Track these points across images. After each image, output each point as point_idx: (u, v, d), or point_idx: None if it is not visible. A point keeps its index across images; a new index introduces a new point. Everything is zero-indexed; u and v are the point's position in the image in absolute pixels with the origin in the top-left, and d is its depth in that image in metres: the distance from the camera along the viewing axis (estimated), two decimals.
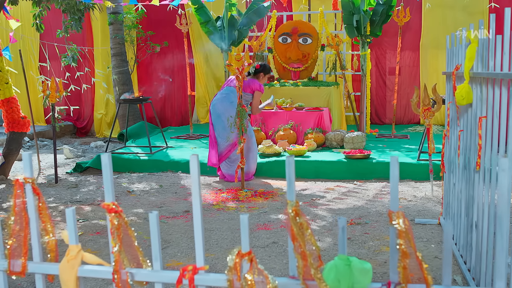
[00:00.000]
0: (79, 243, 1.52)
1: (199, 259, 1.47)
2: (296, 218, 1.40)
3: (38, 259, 1.58)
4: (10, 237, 1.56)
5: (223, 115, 5.83)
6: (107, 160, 1.46)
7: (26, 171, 1.55)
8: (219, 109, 5.88)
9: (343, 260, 1.39)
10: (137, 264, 1.57)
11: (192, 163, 1.43)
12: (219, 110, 5.88)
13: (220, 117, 5.85)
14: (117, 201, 5.09)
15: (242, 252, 1.45)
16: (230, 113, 5.75)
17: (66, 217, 1.51)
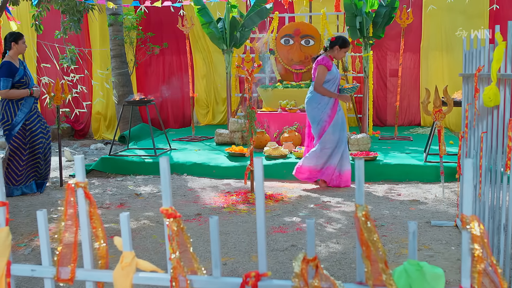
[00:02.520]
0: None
1: (262, 265, 1.43)
2: (367, 223, 1.36)
3: (89, 266, 1.53)
4: (59, 243, 1.51)
5: (310, 118, 5.59)
6: (166, 164, 1.42)
7: (78, 176, 1.49)
8: (306, 110, 5.65)
9: (413, 265, 1.35)
10: (191, 271, 1.52)
11: (256, 166, 1.39)
12: (307, 111, 5.65)
13: (309, 119, 5.62)
14: (126, 204, 5.04)
15: (307, 258, 1.41)
16: (315, 115, 5.51)
17: (120, 223, 1.46)
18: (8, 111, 5.36)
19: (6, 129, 5.40)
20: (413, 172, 5.97)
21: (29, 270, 1.55)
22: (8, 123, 5.37)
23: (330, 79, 5.50)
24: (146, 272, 1.48)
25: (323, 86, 5.49)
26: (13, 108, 5.38)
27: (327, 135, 5.48)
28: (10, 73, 5.28)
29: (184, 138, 8.50)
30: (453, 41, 9.23)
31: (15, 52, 5.40)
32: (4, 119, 5.38)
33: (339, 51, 5.55)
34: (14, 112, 5.37)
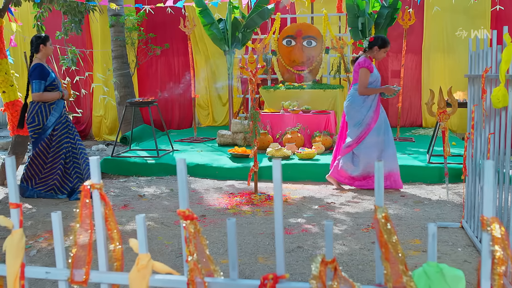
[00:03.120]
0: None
1: (280, 267, 1.42)
2: (386, 224, 1.35)
3: (104, 269, 1.52)
4: (74, 245, 1.49)
5: (352, 120, 5.43)
6: (183, 166, 1.41)
7: (94, 177, 1.48)
8: (347, 112, 5.49)
9: (433, 267, 1.35)
10: (208, 273, 1.51)
11: (275, 167, 1.38)
12: (347, 114, 5.49)
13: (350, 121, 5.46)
14: (129, 206, 5.02)
15: (326, 260, 1.40)
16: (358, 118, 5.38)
17: (137, 224, 1.45)
18: (40, 115, 5.29)
19: (36, 132, 5.31)
20: (416, 173, 5.96)
21: (43, 273, 1.54)
22: (39, 127, 5.29)
23: (372, 81, 5.36)
24: (162, 274, 1.47)
25: None
26: (45, 112, 5.30)
27: (370, 138, 5.34)
28: (42, 76, 5.21)
29: (186, 139, 8.48)
30: (455, 42, 9.24)
31: (43, 54, 5.35)
32: (34, 123, 5.29)
33: (379, 51, 5.39)
34: (46, 116, 5.30)
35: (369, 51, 5.41)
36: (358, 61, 5.40)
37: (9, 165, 1.51)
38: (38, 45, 5.31)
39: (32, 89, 5.22)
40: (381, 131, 5.36)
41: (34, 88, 5.21)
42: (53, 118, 5.33)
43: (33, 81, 5.21)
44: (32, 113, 5.30)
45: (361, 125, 5.37)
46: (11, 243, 1.56)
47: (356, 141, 5.41)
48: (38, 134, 5.31)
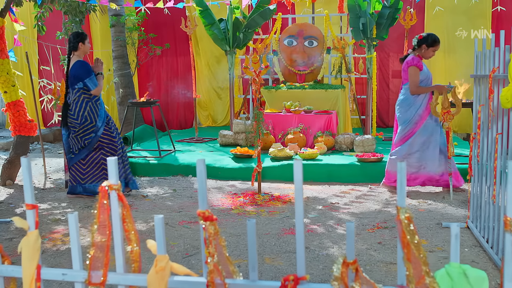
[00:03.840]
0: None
1: (300, 269, 1.41)
2: (409, 225, 1.34)
3: (121, 270, 1.50)
4: (92, 246, 1.48)
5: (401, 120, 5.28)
6: (202, 167, 1.39)
7: (112, 178, 1.47)
8: (398, 112, 5.34)
9: (455, 268, 1.34)
10: (227, 274, 1.50)
11: (296, 168, 1.37)
12: (398, 113, 5.34)
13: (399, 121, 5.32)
14: (133, 206, 5.01)
15: (347, 261, 1.39)
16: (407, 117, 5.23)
17: (155, 225, 1.43)
18: (91, 113, 5.19)
19: (91, 131, 5.19)
20: None
21: (60, 274, 1.52)
22: (93, 125, 5.19)
23: (422, 79, 5.21)
24: (181, 276, 1.46)
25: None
26: (95, 109, 5.22)
27: (416, 137, 5.19)
28: (89, 70, 5.18)
29: (187, 140, 8.47)
30: (455, 42, 9.24)
31: (82, 52, 5.31)
32: (87, 121, 5.17)
33: (427, 50, 5.22)
34: (97, 113, 5.22)
35: (418, 49, 5.25)
36: (406, 60, 5.27)
37: (25, 166, 1.50)
38: (77, 43, 5.26)
39: (90, 87, 5.14)
40: (427, 131, 5.17)
41: (91, 85, 5.14)
42: (102, 113, 5.28)
43: (86, 79, 5.13)
44: (81, 112, 5.17)
45: (408, 123, 5.21)
46: (27, 244, 1.55)
47: (402, 140, 5.27)
48: (94, 132, 5.20)
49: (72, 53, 5.27)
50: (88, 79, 5.12)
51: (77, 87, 5.18)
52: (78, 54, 5.28)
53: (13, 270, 1.55)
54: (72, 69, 5.19)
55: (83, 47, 5.28)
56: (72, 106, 5.20)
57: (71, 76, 5.20)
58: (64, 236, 4.07)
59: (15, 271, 1.55)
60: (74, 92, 5.19)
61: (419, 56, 5.27)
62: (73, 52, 5.27)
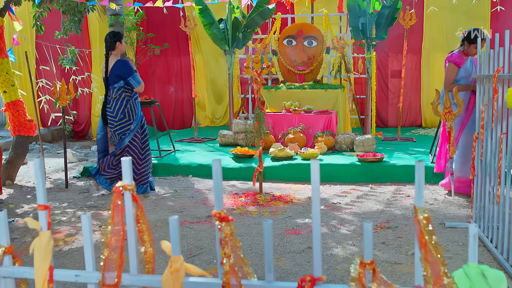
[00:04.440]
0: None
1: (317, 269, 1.40)
2: (428, 225, 1.33)
3: (135, 271, 1.49)
4: (106, 247, 1.47)
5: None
6: (218, 167, 1.39)
7: (126, 178, 1.46)
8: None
9: (473, 268, 1.33)
10: (242, 275, 1.49)
11: (313, 169, 1.36)
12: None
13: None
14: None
15: (364, 261, 1.38)
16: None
17: (170, 226, 1.42)
18: (130, 111, 5.28)
19: (127, 128, 5.29)
20: None
21: (72, 275, 1.51)
22: (130, 122, 5.29)
23: (462, 76, 5.03)
24: (196, 277, 1.45)
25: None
26: (134, 106, 5.31)
27: (464, 138, 5.00)
28: (131, 68, 5.28)
29: (186, 139, 8.45)
30: (454, 42, 9.25)
31: (119, 51, 5.38)
32: (125, 118, 5.26)
33: (469, 46, 5.07)
34: (135, 111, 5.32)
35: (463, 45, 5.10)
36: (447, 56, 5.15)
37: (38, 166, 1.49)
38: (114, 42, 5.33)
39: (134, 85, 5.22)
40: (473, 131, 4.88)
41: (135, 83, 5.22)
42: (139, 111, 5.38)
43: (129, 78, 5.21)
44: (121, 109, 5.25)
45: (455, 125, 5.00)
46: (39, 245, 1.53)
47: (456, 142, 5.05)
48: (129, 130, 5.28)
49: (109, 52, 5.34)
50: (131, 77, 5.23)
51: (117, 85, 5.26)
52: (115, 53, 5.36)
53: (25, 271, 1.54)
54: (113, 68, 5.26)
55: (120, 46, 5.37)
56: (111, 103, 5.28)
57: (112, 75, 5.27)
58: (66, 236, 4.05)
59: (28, 272, 1.54)
60: (115, 90, 5.27)
61: (464, 52, 5.13)
62: (110, 51, 5.34)
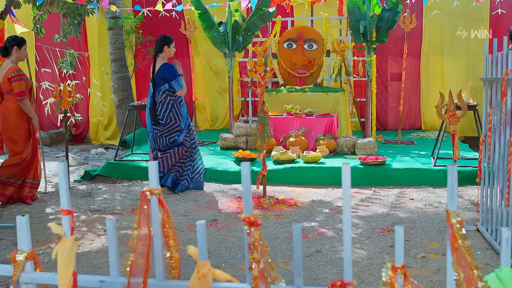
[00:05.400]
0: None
1: (347, 274, 1.39)
2: (461, 229, 1.32)
3: (161, 277, 1.47)
4: (132, 252, 1.45)
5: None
6: (247, 171, 1.37)
7: (152, 182, 1.44)
8: None
9: (506, 272, 1.32)
10: (270, 280, 1.47)
11: (344, 172, 1.35)
12: None
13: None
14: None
15: (395, 266, 1.37)
16: None
17: (197, 231, 1.41)
18: (176, 114, 5.38)
19: (175, 131, 5.40)
20: (422, 176, 5.97)
21: (97, 281, 1.49)
22: (177, 125, 5.39)
23: None
24: (225, 283, 1.43)
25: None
26: (179, 109, 5.40)
27: None
28: (176, 72, 5.38)
29: None
30: (454, 45, 9.29)
31: (166, 55, 5.46)
32: (172, 122, 5.37)
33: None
34: (181, 114, 5.40)
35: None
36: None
37: (62, 170, 1.46)
38: (162, 46, 5.44)
39: (177, 88, 5.32)
40: None
41: (177, 87, 5.32)
42: (185, 114, 5.48)
43: (172, 81, 5.31)
44: (167, 112, 5.36)
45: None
46: (63, 250, 1.51)
47: None
48: (179, 132, 5.41)
49: (157, 55, 5.43)
50: (174, 81, 5.31)
51: (163, 88, 5.37)
52: (163, 57, 5.45)
53: (48, 277, 1.52)
54: (158, 71, 5.37)
55: (167, 50, 5.46)
56: (158, 106, 5.38)
57: (158, 78, 5.37)
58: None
59: (50, 278, 1.51)
60: (160, 93, 5.38)
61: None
62: (158, 54, 5.44)
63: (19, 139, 5.13)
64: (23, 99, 5.06)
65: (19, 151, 5.14)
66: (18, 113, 5.11)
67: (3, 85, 5.14)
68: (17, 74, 5.04)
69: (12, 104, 5.09)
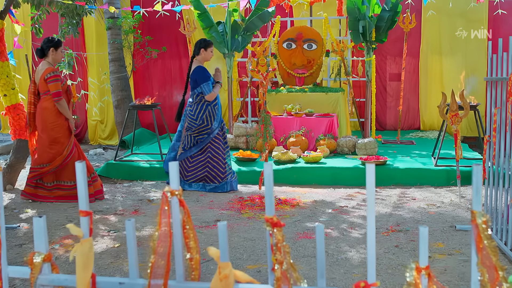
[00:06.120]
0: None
1: (371, 275, 1.38)
2: (487, 230, 1.32)
3: (181, 278, 1.46)
4: (153, 254, 1.44)
5: None
6: (270, 171, 1.36)
7: (173, 183, 1.43)
8: None
9: None
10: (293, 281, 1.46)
11: (369, 173, 1.34)
12: None
13: None
14: (140, 211, 4.94)
15: (420, 266, 1.37)
16: None
17: (219, 232, 1.39)
18: (209, 116, 5.48)
19: (205, 132, 5.50)
20: (424, 176, 5.98)
21: (116, 283, 1.48)
22: (208, 127, 5.49)
23: None
24: (245, 284, 1.42)
25: None
26: (213, 112, 5.50)
27: None
28: (207, 77, 5.45)
29: None
30: (453, 45, 9.31)
31: (202, 58, 5.57)
32: (203, 124, 5.48)
33: None
34: (214, 116, 5.49)
35: None
36: None
37: (80, 171, 1.45)
38: (199, 48, 5.56)
39: (205, 92, 5.41)
40: None
41: (206, 90, 5.40)
42: (219, 116, 5.56)
43: (202, 84, 5.41)
44: (200, 114, 5.47)
45: None
46: (81, 252, 1.50)
47: None
48: (207, 134, 5.50)
49: (194, 57, 5.57)
50: (204, 84, 5.41)
51: (196, 91, 5.49)
52: (199, 59, 5.58)
53: (66, 279, 1.50)
54: (192, 74, 5.50)
55: (204, 53, 5.57)
56: (193, 107, 5.52)
57: (192, 80, 5.50)
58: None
59: (69, 280, 1.50)
60: (195, 96, 5.50)
61: None
62: (195, 56, 5.57)
63: (61, 137, 5.22)
64: (60, 99, 5.15)
65: (61, 149, 5.23)
66: (56, 113, 5.20)
67: (40, 86, 5.24)
68: (53, 75, 5.15)
69: (49, 104, 5.19)
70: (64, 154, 5.22)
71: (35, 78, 5.30)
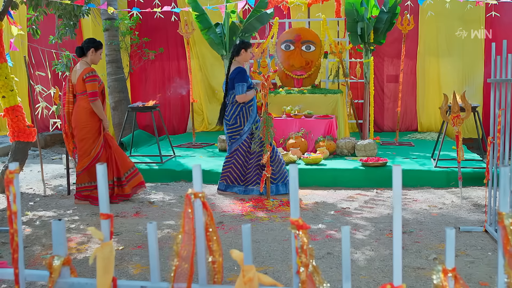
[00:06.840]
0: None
1: (397, 278, 1.37)
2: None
3: (204, 282, 1.45)
4: (176, 257, 1.42)
5: None
6: (295, 173, 1.35)
7: (196, 185, 1.42)
8: None
9: None
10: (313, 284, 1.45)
11: (395, 175, 1.33)
12: None
13: None
14: (141, 213, 4.91)
15: (446, 268, 1.36)
16: None
17: (243, 235, 1.38)
18: (242, 117, 5.50)
19: (238, 133, 5.53)
20: (424, 177, 5.99)
21: (138, 287, 1.46)
22: (240, 128, 5.51)
23: None
24: (270, 287, 1.41)
25: None
26: (247, 114, 5.51)
27: None
28: (244, 78, 5.41)
29: (184, 145, 8.38)
30: (450, 47, 9.36)
31: (242, 59, 5.56)
32: (236, 124, 5.51)
33: None
34: (247, 118, 5.50)
35: None
36: None
37: (101, 174, 1.43)
38: (240, 49, 5.52)
39: (237, 92, 5.40)
40: None
41: (238, 91, 5.40)
42: (251, 119, 5.54)
43: (237, 84, 5.39)
44: (234, 114, 5.50)
45: None
46: (102, 255, 1.48)
47: None
48: (239, 135, 5.53)
49: (233, 58, 5.55)
50: (239, 84, 5.39)
51: (232, 91, 5.49)
52: (238, 60, 5.56)
53: (86, 283, 1.48)
54: (231, 74, 5.49)
55: (244, 54, 5.55)
56: (228, 107, 5.56)
57: (230, 80, 5.49)
58: (79, 244, 3.96)
59: (89, 284, 1.48)
60: (231, 97, 5.52)
61: None
62: (235, 57, 5.55)
63: (90, 137, 5.21)
64: (96, 100, 5.16)
65: (89, 150, 5.21)
66: (90, 112, 5.20)
67: (77, 86, 5.23)
68: (91, 75, 5.16)
69: (85, 104, 5.18)
70: (91, 155, 5.21)
71: (72, 77, 5.30)
